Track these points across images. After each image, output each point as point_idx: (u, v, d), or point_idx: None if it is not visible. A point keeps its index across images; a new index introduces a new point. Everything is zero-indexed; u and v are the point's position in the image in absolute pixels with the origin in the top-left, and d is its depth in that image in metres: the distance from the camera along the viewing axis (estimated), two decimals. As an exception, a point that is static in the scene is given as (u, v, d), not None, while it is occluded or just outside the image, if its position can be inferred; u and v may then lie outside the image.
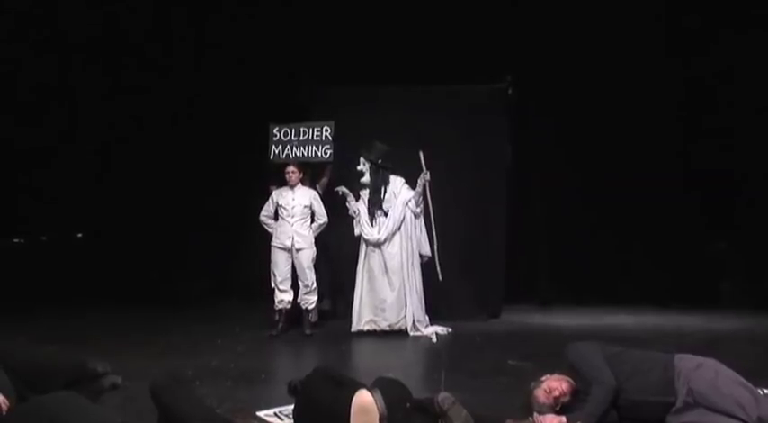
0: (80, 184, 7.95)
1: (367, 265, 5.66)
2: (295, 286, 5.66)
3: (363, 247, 5.70)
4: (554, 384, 2.98)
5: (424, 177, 5.52)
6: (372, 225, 5.63)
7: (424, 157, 5.52)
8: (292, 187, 5.66)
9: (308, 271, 5.61)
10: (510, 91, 6.20)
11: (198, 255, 7.62)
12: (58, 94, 7.60)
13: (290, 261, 5.59)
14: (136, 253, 7.74)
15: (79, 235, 8.69)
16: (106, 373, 3.46)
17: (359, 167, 5.65)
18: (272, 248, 5.61)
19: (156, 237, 7.71)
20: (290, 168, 5.63)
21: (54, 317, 6.18)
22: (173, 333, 5.39)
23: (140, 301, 6.90)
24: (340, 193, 5.68)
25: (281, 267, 5.56)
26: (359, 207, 5.66)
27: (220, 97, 7.40)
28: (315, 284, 5.63)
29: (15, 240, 8.68)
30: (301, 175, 5.70)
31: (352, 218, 5.69)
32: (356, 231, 5.70)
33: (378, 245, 5.60)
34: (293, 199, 5.62)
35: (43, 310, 6.49)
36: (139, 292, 7.24)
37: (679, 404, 2.83)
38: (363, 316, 5.63)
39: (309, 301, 5.61)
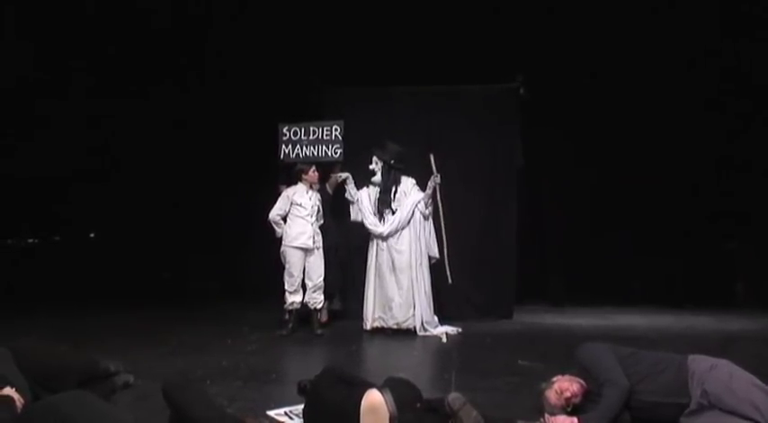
0: (91, 185, 8.04)
1: (376, 262, 5.68)
2: (302, 286, 5.65)
3: (373, 246, 5.71)
4: (565, 385, 2.97)
5: (435, 180, 5.52)
6: (380, 223, 5.63)
7: (435, 159, 5.51)
8: (312, 186, 5.69)
9: (320, 270, 5.62)
10: (521, 90, 6.18)
11: (208, 255, 7.67)
12: (60, 93, 7.67)
13: (303, 261, 5.60)
14: (147, 253, 7.81)
15: (91, 235, 8.79)
16: (118, 372, 3.52)
17: (371, 166, 5.67)
18: (287, 249, 5.57)
19: (166, 237, 7.78)
20: (313, 168, 5.67)
21: (66, 316, 6.24)
22: (184, 333, 5.43)
23: (151, 301, 6.95)
24: (342, 178, 5.66)
25: (298, 268, 5.56)
26: (361, 196, 5.66)
27: (230, 97, 7.44)
28: (322, 283, 5.64)
29: (30, 240, 8.80)
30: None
31: (350, 202, 5.70)
32: (352, 216, 5.73)
33: (384, 239, 5.60)
34: (310, 198, 5.65)
35: (55, 309, 6.56)
36: (151, 292, 7.30)
37: (693, 406, 2.81)
38: (374, 314, 5.64)
39: (317, 300, 5.62)
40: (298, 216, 5.59)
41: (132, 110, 7.70)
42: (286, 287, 5.59)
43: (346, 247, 6.17)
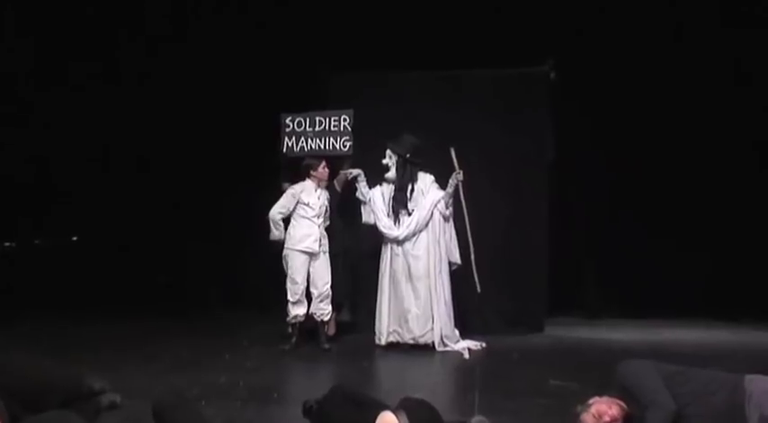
0: (83, 186, 8.15)
1: (390, 269, 5.66)
2: (307, 296, 5.65)
3: (387, 251, 5.69)
4: (603, 408, 2.94)
5: (457, 177, 5.48)
6: (396, 226, 5.62)
7: (457, 154, 5.48)
8: (320, 184, 5.68)
9: (326, 277, 5.62)
10: (552, 75, 6.12)
11: (205, 261, 7.72)
12: (60, 89, 7.81)
13: (307, 266, 5.60)
14: (138, 259, 7.88)
15: (74, 238, 8.89)
16: (104, 390, 3.52)
17: (384, 161, 5.66)
18: (290, 252, 5.57)
19: (163, 240, 7.84)
20: (323, 163, 5.67)
21: (50, 327, 6.30)
22: (177, 347, 5.46)
23: (143, 312, 7.01)
24: (353, 175, 5.65)
25: (302, 274, 5.55)
26: (374, 195, 5.66)
27: (230, 93, 7.45)
28: (330, 292, 5.63)
29: (7, 244, 8.91)
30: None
31: (361, 202, 5.70)
32: (363, 217, 5.72)
33: (400, 244, 5.59)
34: (319, 198, 5.64)
35: (37, 319, 6.62)
36: (142, 301, 7.36)
37: (749, 433, 2.77)
38: (388, 327, 5.63)
39: (324, 311, 5.62)
40: (304, 217, 5.58)
41: (128, 108, 7.78)
42: (288, 296, 5.59)
43: (357, 252, 6.17)
